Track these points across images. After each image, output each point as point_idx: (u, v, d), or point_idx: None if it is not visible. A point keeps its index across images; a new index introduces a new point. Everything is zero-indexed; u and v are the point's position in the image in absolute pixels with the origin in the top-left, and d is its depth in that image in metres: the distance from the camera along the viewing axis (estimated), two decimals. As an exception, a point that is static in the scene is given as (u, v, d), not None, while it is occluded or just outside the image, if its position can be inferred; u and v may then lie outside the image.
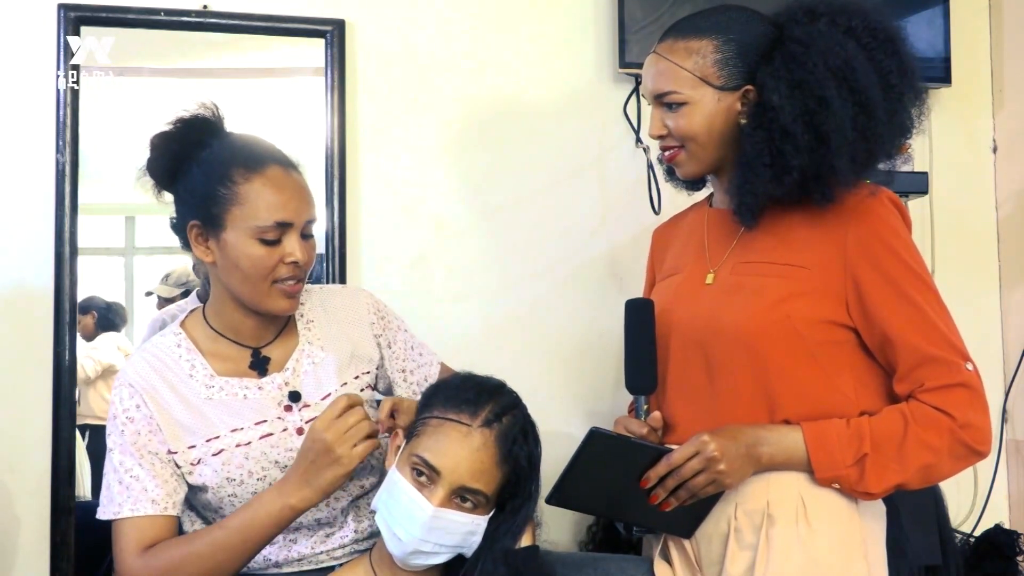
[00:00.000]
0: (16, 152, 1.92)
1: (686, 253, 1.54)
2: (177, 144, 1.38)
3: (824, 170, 1.33)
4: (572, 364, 2.17)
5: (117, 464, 1.36)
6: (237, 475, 1.36)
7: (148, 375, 1.39)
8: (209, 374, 1.40)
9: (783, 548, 1.33)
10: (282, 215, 1.34)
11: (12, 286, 1.91)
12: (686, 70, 1.39)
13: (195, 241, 1.39)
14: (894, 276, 1.34)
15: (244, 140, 1.41)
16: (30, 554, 1.88)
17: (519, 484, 1.31)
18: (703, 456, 1.29)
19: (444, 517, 1.25)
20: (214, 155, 1.37)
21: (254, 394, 1.40)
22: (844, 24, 1.36)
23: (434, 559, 1.28)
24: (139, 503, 1.34)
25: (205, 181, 1.36)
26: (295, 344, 1.46)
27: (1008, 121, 2.40)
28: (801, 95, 1.33)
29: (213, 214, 1.35)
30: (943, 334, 1.33)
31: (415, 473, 1.27)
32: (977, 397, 1.32)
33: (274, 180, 1.35)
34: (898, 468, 1.31)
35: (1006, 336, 2.38)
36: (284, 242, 1.36)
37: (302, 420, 1.40)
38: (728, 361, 1.38)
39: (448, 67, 2.14)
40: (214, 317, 1.44)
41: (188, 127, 1.39)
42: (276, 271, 1.36)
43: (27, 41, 1.93)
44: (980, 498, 2.32)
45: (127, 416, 1.37)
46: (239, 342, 1.43)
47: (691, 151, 1.43)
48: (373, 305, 1.56)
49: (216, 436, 1.37)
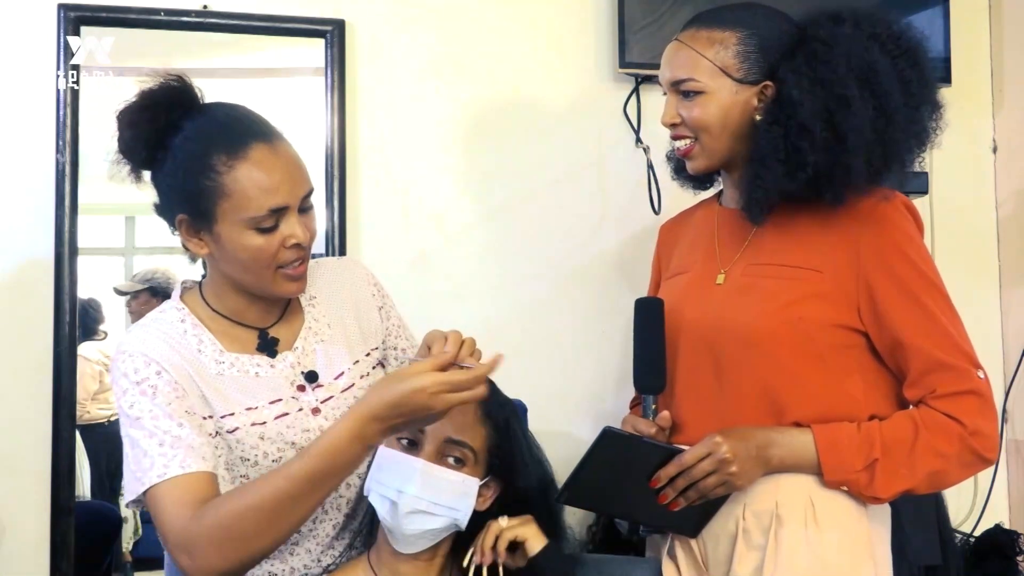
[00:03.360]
0: (16, 152, 1.92)
1: (695, 252, 1.53)
2: (146, 127, 1.27)
3: (838, 170, 1.33)
4: (572, 364, 2.17)
5: (152, 429, 1.22)
6: (252, 455, 1.31)
7: (159, 346, 1.29)
8: (218, 350, 1.32)
9: (792, 549, 1.33)
10: (276, 200, 1.25)
11: (12, 286, 1.91)
12: (707, 59, 1.39)
13: (186, 235, 1.30)
14: (907, 281, 1.34)
15: (220, 118, 1.29)
16: (30, 554, 1.87)
17: (506, 449, 1.32)
18: (715, 457, 1.29)
19: (435, 474, 1.27)
20: (190, 143, 1.26)
21: (266, 372, 1.34)
22: (868, 30, 1.36)
23: (430, 521, 1.28)
24: (188, 459, 1.21)
25: (185, 175, 1.25)
26: (301, 323, 1.41)
27: (1008, 121, 2.40)
28: (822, 92, 1.33)
29: (201, 209, 1.26)
30: (955, 341, 1.33)
31: (401, 441, 1.30)
32: (987, 405, 1.32)
33: (260, 162, 1.25)
34: (907, 474, 1.30)
35: (1006, 336, 2.38)
36: (282, 226, 1.27)
37: (317, 400, 1.36)
38: (737, 362, 1.38)
39: (448, 67, 2.14)
40: (214, 299, 1.36)
41: (156, 106, 1.27)
42: (278, 256, 1.28)
43: (27, 41, 1.93)
44: (980, 498, 2.32)
45: (149, 384, 1.26)
46: (243, 323, 1.36)
47: (703, 143, 1.42)
48: (370, 276, 1.52)
49: (231, 413, 1.30)
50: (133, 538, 2.13)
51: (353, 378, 1.41)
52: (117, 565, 2.09)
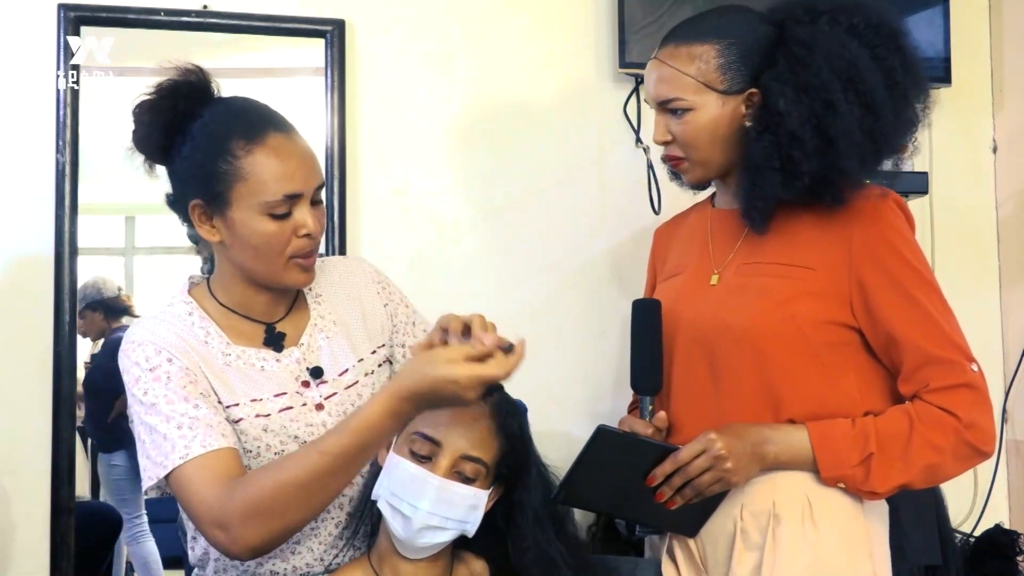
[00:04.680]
0: (16, 152, 1.93)
1: (689, 253, 1.53)
2: (166, 115, 1.29)
3: (833, 173, 1.33)
4: (572, 364, 2.17)
5: (169, 413, 1.24)
6: (254, 447, 1.31)
7: (167, 336, 1.31)
8: (225, 342, 1.34)
9: (790, 548, 1.33)
10: (291, 187, 1.27)
11: (12, 286, 1.91)
12: (689, 76, 1.39)
13: (199, 221, 1.31)
14: (899, 277, 1.34)
15: (237, 106, 1.33)
16: (30, 554, 1.88)
17: (515, 459, 1.31)
18: (710, 454, 1.29)
19: (449, 489, 1.26)
20: (208, 127, 1.29)
21: (272, 366, 1.35)
22: (846, 22, 1.35)
23: (441, 535, 1.28)
24: (209, 438, 1.22)
25: (203, 157, 1.28)
26: (307, 319, 1.42)
27: (1008, 121, 2.40)
28: (808, 99, 1.33)
29: (216, 192, 1.27)
30: (947, 335, 1.33)
31: (414, 453, 1.28)
32: (982, 397, 1.32)
33: (277, 149, 1.28)
34: (903, 468, 1.31)
35: (1006, 336, 2.38)
36: (295, 214, 1.29)
37: (321, 396, 1.36)
38: (733, 362, 1.38)
39: (448, 67, 2.14)
40: (222, 293, 1.37)
41: (175, 95, 1.30)
42: (290, 245, 1.29)
43: (27, 41, 1.93)
44: (980, 498, 2.32)
45: (162, 370, 1.27)
46: (250, 317, 1.37)
47: (696, 159, 1.43)
48: (375, 274, 1.53)
49: (236, 404, 1.31)
50: (133, 538, 2.13)
51: (357, 375, 1.41)
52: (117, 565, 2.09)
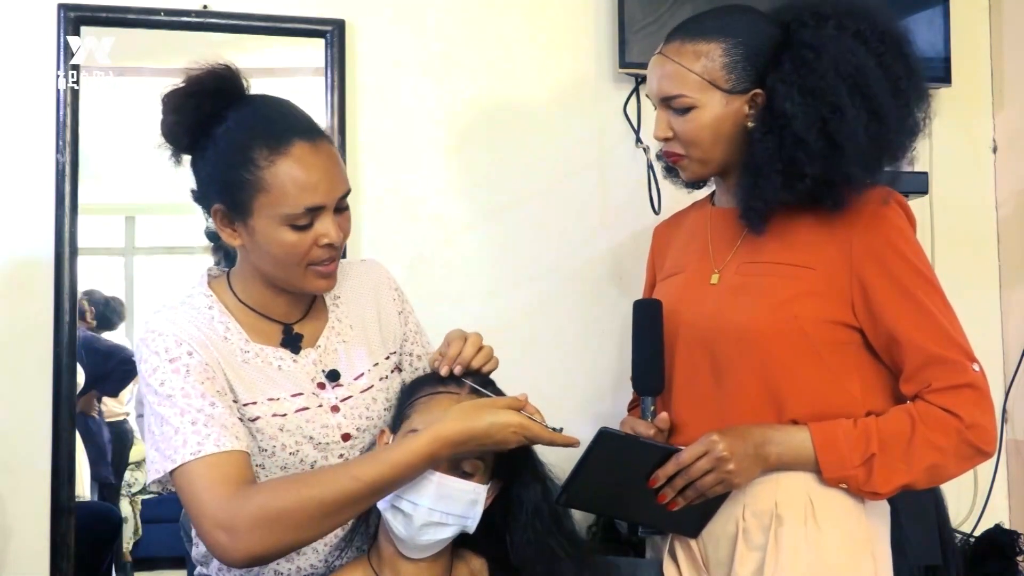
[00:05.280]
0: (16, 152, 1.92)
1: (689, 252, 1.53)
2: (191, 115, 1.28)
3: (838, 177, 1.33)
4: (572, 364, 2.17)
5: (184, 407, 1.22)
6: (270, 446, 1.31)
7: (188, 328, 1.30)
8: (244, 339, 1.33)
9: (792, 548, 1.33)
10: (312, 199, 1.26)
11: (12, 286, 1.91)
12: (694, 73, 1.38)
13: (220, 224, 1.31)
14: (900, 277, 1.34)
15: (264, 111, 1.30)
16: (30, 554, 1.87)
17: (512, 453, 1.31)
18: (712, 456, 1.29)
19: (448, 485, 1.26)
20: (231, 134, 1.27)
21: (289, 367, 1.35)
22: (852, 28, 1.35)
23: (443, 532, 1.28)
24: (223, 438, 1.21)
25: (226, 166, 1.27)
26: (324, 322, 1.42)
27: (1008, 121, 2.40)
28: (814, 102, 1.32)
29: (238, 200, 1.27)
30: (949, 335, 1.33)
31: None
32: (983, 397, 1.32)
33: (301, 160, 1.26)
34: (905, 468, 1.31)
35: (1006, 336, 2.38)
36: (316, 224, 1.28)
37: (337, 399, 1.37)
38: (734, 361, 1.38)
39: (448, 67, 2.14)
40: (241, 290, 1.37)
41: (202, 93, 1.28)
42: (310, 254, 1.29)
43: (27, 41, 1.93)
44: (980, 498, 2.32)
45: (182, 363, 1.26)
46: (269, 317, 1.37)
47: (696, 156, 1.42)
48: (392, 280, 1.54)
49: (253, 402, 1.31)
50: (133, 538, 2.13)
51: (372, 380, 1.42)
52: (117, 565, 2.09)
